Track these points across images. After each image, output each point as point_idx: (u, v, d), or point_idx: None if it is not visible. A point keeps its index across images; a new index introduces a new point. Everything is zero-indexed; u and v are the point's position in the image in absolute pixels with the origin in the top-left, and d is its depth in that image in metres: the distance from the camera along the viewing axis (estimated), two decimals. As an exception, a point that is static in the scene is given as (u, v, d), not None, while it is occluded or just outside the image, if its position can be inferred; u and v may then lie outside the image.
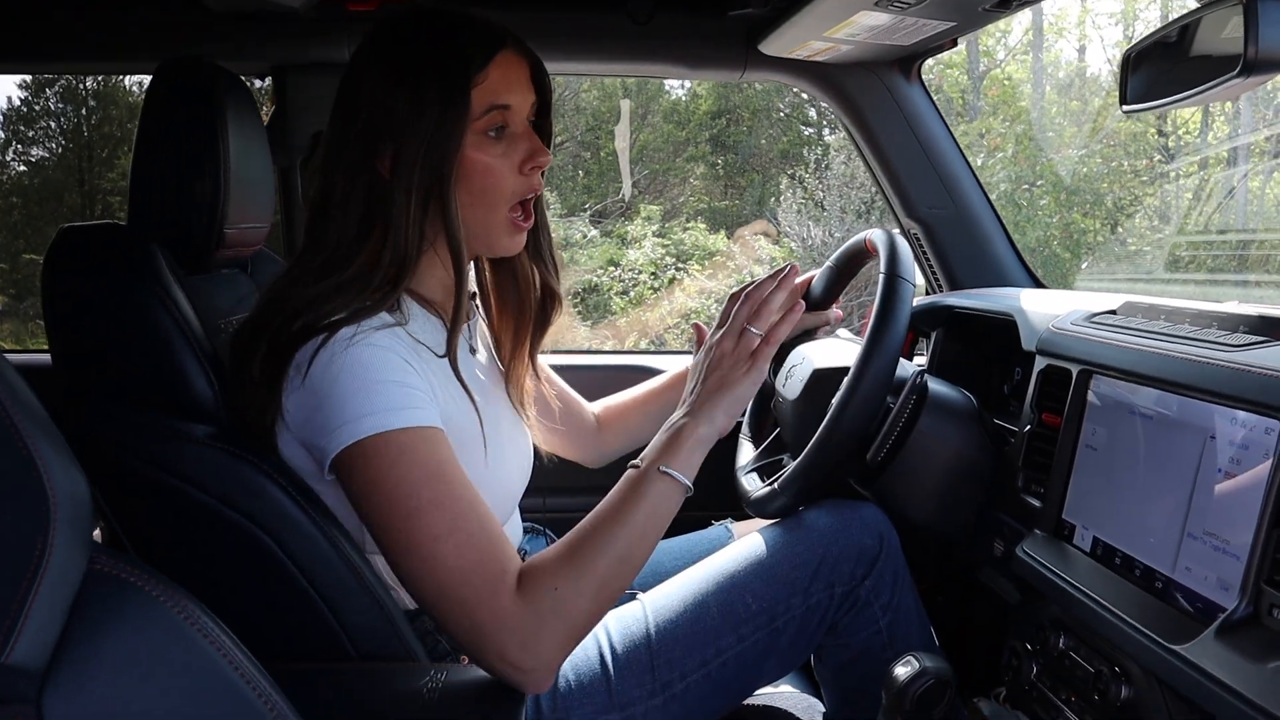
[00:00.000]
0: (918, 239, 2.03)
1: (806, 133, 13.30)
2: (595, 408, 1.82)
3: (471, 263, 1.45)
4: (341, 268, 1.20)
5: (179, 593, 0.67)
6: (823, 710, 1.56)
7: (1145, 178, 10.52)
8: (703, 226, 11.36)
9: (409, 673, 1.15)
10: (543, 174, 1.30)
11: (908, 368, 1.52)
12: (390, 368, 1.15)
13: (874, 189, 10.16)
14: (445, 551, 1.10)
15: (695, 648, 1.38)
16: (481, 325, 1.51)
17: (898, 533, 1.45)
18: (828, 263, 1.69)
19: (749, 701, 1.49)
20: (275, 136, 2.03)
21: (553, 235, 1.44)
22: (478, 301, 1.51)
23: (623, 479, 1.23)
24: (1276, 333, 1.02)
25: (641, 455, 1.24)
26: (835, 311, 1.77)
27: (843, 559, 1.43)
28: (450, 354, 1.24)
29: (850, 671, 1.49)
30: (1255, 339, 1.03)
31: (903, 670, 1.20)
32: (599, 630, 1.39)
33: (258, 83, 2.44)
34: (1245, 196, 9.90)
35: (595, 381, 2.02)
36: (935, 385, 1.53)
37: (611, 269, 10.40)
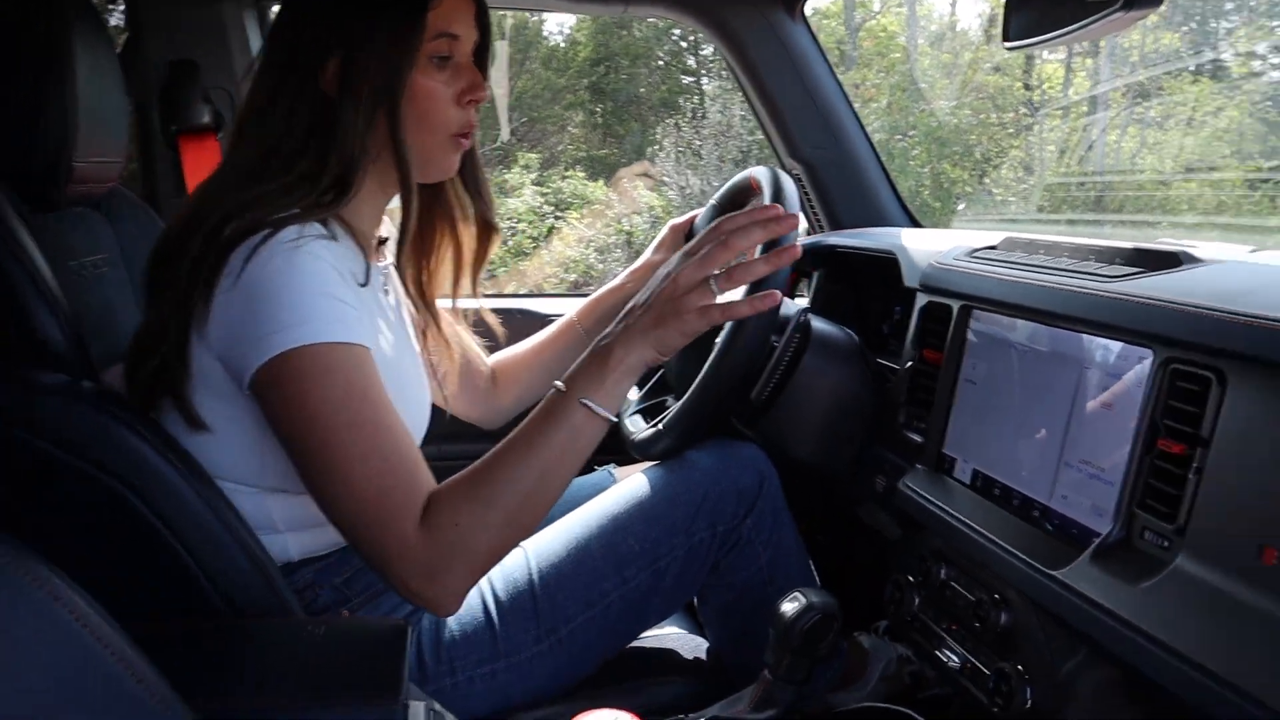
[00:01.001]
0: (800, 180, 2.03)
1: (685, 81, 13.28)
2: (489, 362, 1.76)
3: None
4: (285, 170, 1.14)
5: (26, 554, 0.60)
6: (707, 648, 1.56)
7: (1011, 130, 10.86)
8: (581, 175, 11.25)
9: (284, 627, 1.09)
10: (477, 110, 1.26)
11: (791, 306, 1.52)
12: (327, 280, 1.07)
13: (750, 138, 10.23)
14: (361, 474, 1.05)
15: (579, 591, 1.35)
16: (393, 272, 1.43)
17: (782, 471, 1.45)
18: (711, 201, 1.67)
19: (635, 644, 1.47)
20: (129, 65, 1.89)
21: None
22: (389, 245, 1.44)
23: (542, 402, 1.15)
24: (1151, 264, 1.04)
25: (565, 375, 1.16)
26: None
27: (724, 498, 1.42)
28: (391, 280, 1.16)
29: (734, 610, 1.49)
30: (1131, 270, 1.05)
31: (789, 606, 1.20)
32: (482, 580, 1.35)
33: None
34: (1103, 148, 10.32)
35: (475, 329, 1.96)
36: (818, 324, 1.53)
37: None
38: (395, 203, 1.26)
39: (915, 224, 2.08)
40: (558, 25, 13.55)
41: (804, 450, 1.51)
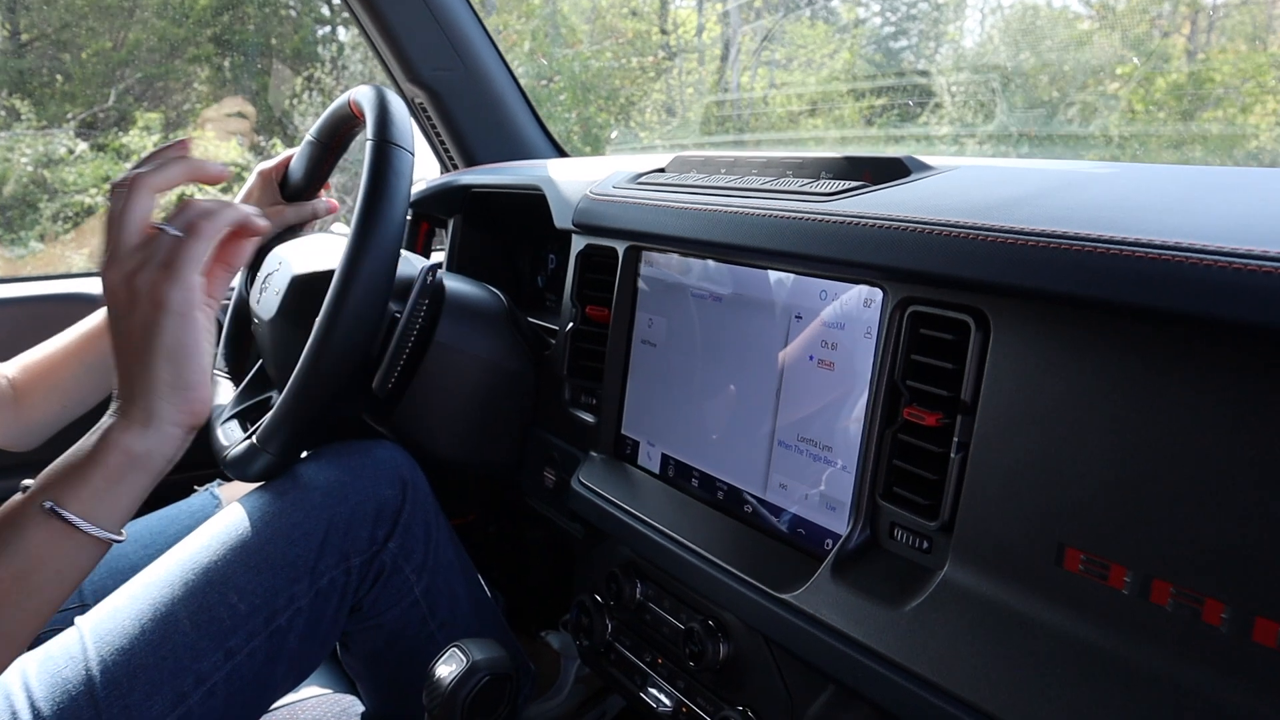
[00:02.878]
0: (424, 109, 1.67)
1: (320, 31, 12.33)
2: (8, 369, 1.30)
3: None
4: None
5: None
6: (363, 712, 1.22)
7: (652, 74, 10.99)
8: (211, 135, 10.13)
9: None
10: None
11: (415, 264, 1.17)
12: None
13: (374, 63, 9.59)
14: None
15: (164, 684, 0.97)
16: None
17: (431, 471, 1.13)
18: (307, 136, 1.28)
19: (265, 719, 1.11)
20: None
21: (32, 151, 0.90)
22: None
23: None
24: (868, 176, 0.79)
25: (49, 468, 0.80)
26: (326, 201, 1.37)
27: (357, 521, 1.09)
28: None
29: (386, 658, 1.16)
30: (847, 185, 0.79)
31: (446, 670, 0.88)
32: (15, 682, 0.93)
33: None
34: (738, 90, 10.72)
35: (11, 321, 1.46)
36: (453, 283, 1.20)
37: (107, 187, 8.91)
38: None
39: (565, 156, 1.79)
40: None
41: (449, 446, 1.18)
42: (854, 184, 0.78)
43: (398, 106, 1.07)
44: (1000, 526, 0.64)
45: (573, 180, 1.15)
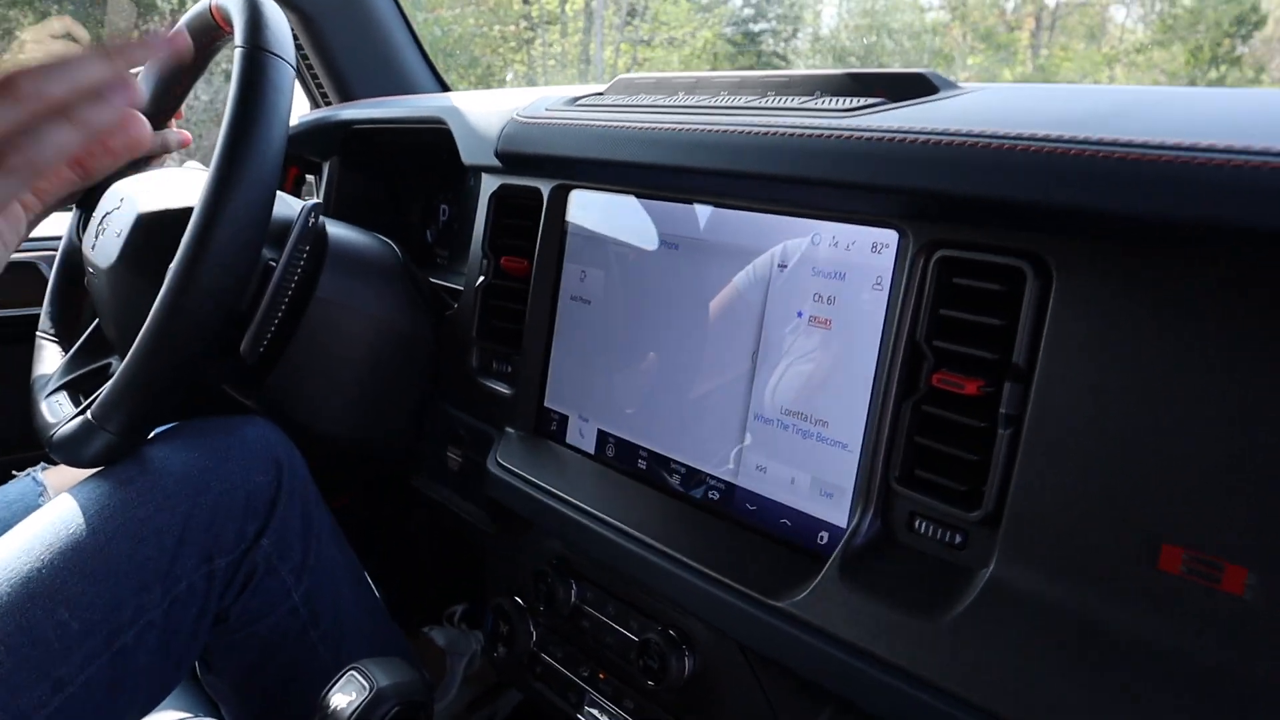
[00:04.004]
0: (293, 36, 1.45)
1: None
2: None
3: None
4: None
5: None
6: (228, 743, 1.04)
7: (513, 44, 10.72)
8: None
9: None
10: None
11: (292, 205, 0.98)
12: None
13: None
14: None
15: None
16: None
17: (309, 450, 0.95)
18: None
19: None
20: None
21: None
22: None
23: None
24: (882, 93, 0.65)
25: None
26: (178, 132, 1.15)
27: (221, 514, 0.91)
28: None
29: (259, 676, 0.98)
30: (864, 102, 0.65)
31: (344, 699, 0.71)
32: None
33: None
34: (602, 65, 10.57)
35: None
36: (338, 230, 1.01)
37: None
38: None
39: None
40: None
41: (333, 422, 1.00)
42: (868, 101, 0.64)
43: (273, 10, 0.88)
44: (1068, 518, 0.52)
45: (484, 111, 0.97)
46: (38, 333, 1.11)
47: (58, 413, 0.95)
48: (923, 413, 0.60)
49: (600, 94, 0.86)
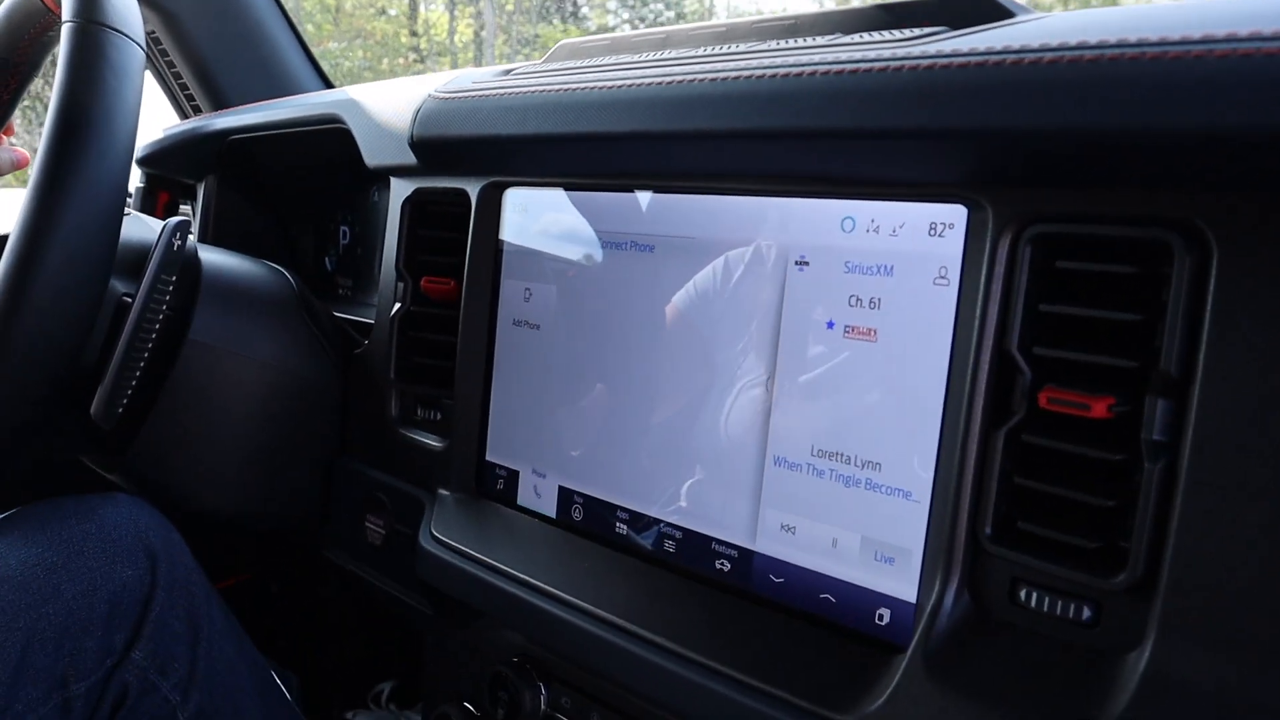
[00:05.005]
0: (155, 39, 1.24)
1: None
2: None
3: None
4: None
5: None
6: None
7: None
8: None
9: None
10: None
11: (153, 226, 0.79)
12: None
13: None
14: None
15: None
16: None
17: (188, 530, 0.76)
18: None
19: None
20: None
21: None
22: None
23: None
24: (937, 19, 0.49)
25: None
26: (12, 151, 0.95)
27: (77, 626, 0.72)
28: None
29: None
30: (917, 32, 0.49)
31: None
32: None
33: None
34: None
35: None
36: (214, 256, 0.82)
37: None
38: None
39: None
40: None
41: (217, 498, 0.81)
42: (923, 30, 0.48)
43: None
44: (1255, 579, 0.37)
45: (391, 99, 0.79)
46: None
47: None
48: (1023, 445, 0.44)
49: (537, 64, 0.69)
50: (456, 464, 0.72)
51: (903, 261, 0.49)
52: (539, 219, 0.68)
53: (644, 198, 0.60)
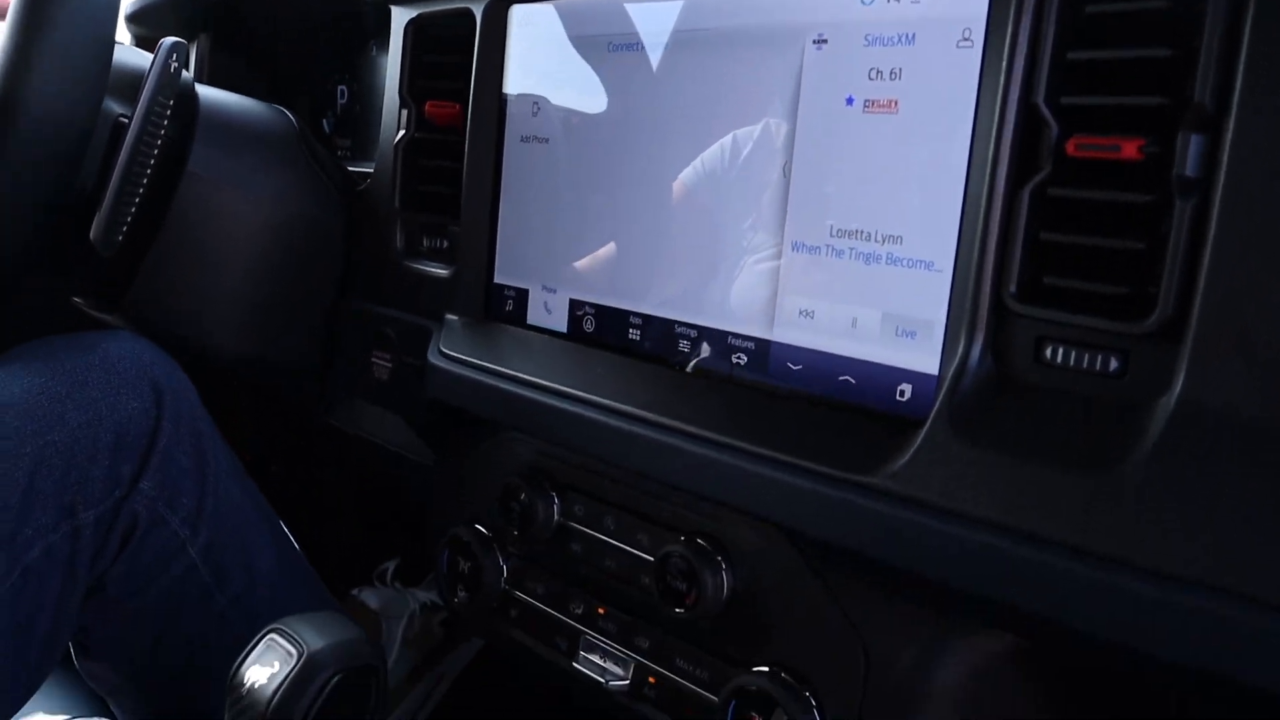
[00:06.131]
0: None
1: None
2: None
3: None
4: None
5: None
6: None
7: None
8: None
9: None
10: None
11: (143, 55, 0.77)
12: None
13: None
14: None
15: None
16: None
17: (195, 370, 0.76)
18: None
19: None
20: None
21: None
22: None
23: None
24: None
25: None
26: None
27: (83, 454, 0.72)
28: None
29: (154, 659, 0.80)
30: None
31: (264, 673, 0.52)
32: None
33: None
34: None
35: None
36: (212, 92, 0.81)
37: None
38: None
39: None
40: None
41: (219, 333, 0.81)
42: None
43: None
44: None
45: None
46: None
47: None
48: (1050, 199, 0.43)
49: None
50: (464, 289, 0.71)
51: (925, 28, 0.47)
52: (546, 31, 0.66)
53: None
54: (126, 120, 0.69)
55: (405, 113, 0.75)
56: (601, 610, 0.61)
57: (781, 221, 0.53)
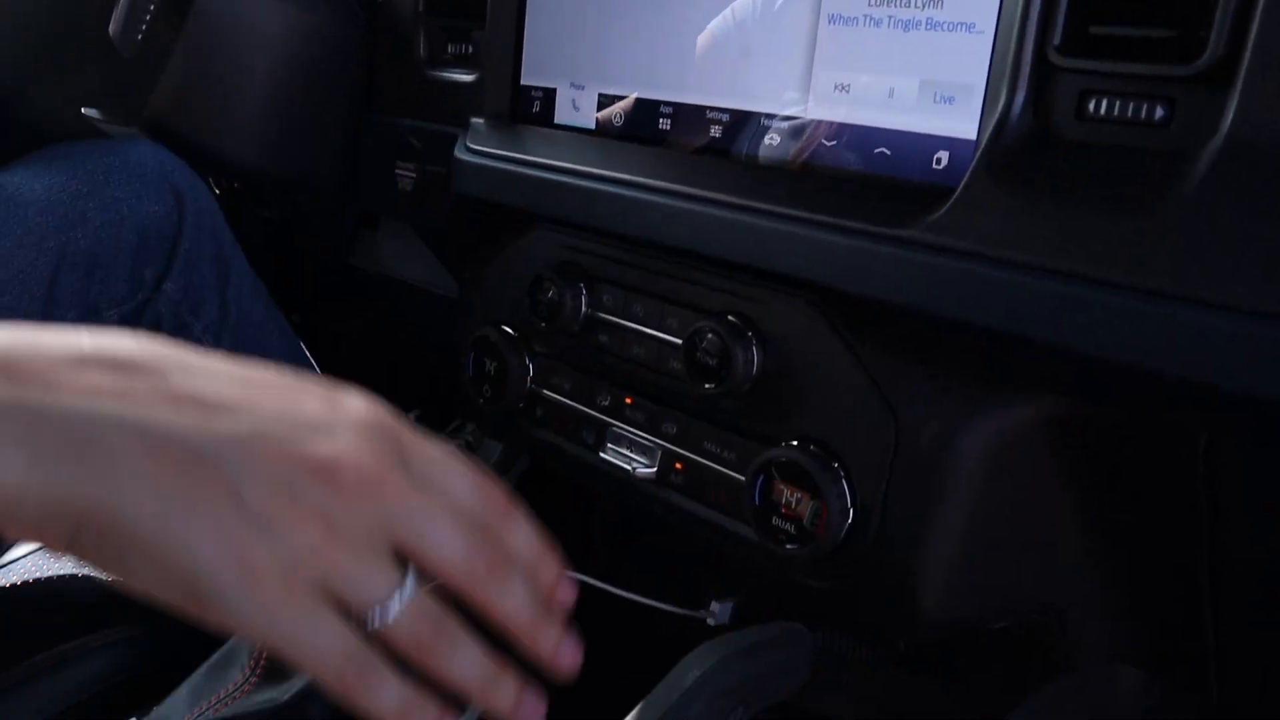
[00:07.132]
0: None
1: None
2: None
3: None
4: None
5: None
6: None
7: None
8: None
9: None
10: None
11: None
12: None
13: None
14: None
15: None
16: None
17: (221, 182, 0.76)
18: None
19: None
20: None
21: None
22: None
23: None
24: None
25: None
26: None
27: (107, 253, 0.73)
28: None
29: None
30: None
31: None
32: None
33: None
34: None
35: None
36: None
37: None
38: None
39: None
40: None
41: (241, 145, 0.80)
42: None
43: None
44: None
45: None
46: None
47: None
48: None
49: None
50: (490, 93, 0.70)
51: None
52: None
53: None
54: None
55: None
56: (629, 400, 0.62)
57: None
